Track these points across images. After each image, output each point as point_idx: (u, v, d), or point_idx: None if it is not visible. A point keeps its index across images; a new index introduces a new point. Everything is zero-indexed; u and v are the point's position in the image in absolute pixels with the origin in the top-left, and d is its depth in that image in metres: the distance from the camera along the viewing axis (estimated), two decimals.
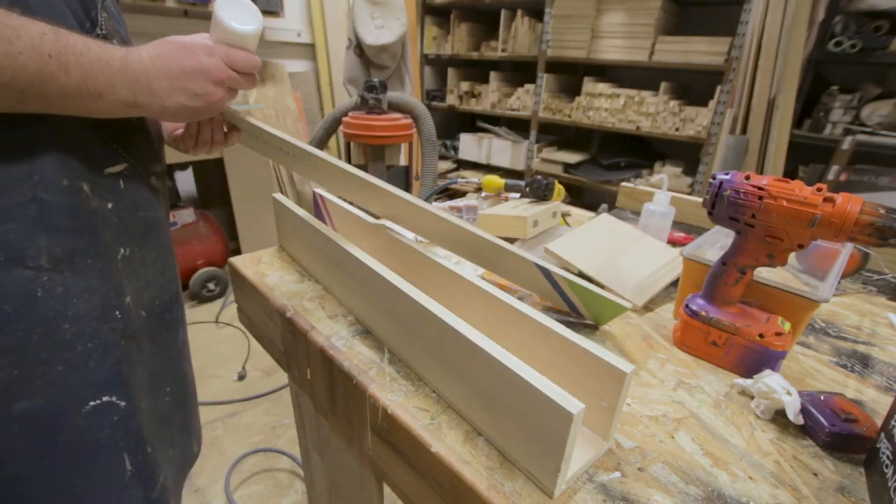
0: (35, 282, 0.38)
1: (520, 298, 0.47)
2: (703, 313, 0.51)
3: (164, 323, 0.53)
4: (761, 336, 0.48)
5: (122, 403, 0.45)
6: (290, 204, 0.65)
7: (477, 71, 3.03)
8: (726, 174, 0.47)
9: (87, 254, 0.42)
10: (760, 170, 1.94)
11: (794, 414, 0.42)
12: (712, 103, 2.01)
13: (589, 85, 2.39)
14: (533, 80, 2.54)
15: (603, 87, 2.33)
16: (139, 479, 0.48)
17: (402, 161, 1.85)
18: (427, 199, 0.90)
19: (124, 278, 0.46)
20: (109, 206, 0.44)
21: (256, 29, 0.46)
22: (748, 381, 0.47)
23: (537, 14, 2.50)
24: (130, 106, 0.40)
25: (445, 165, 3.13)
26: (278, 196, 0.68)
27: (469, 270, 0.55)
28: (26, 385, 0.39)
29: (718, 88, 1.97)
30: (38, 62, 0.34)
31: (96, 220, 0.42)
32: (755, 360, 0.49)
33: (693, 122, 2.09)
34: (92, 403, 0.43)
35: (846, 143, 1.68)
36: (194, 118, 0.46)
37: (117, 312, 0.45)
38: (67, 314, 0.41)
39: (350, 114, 1.76)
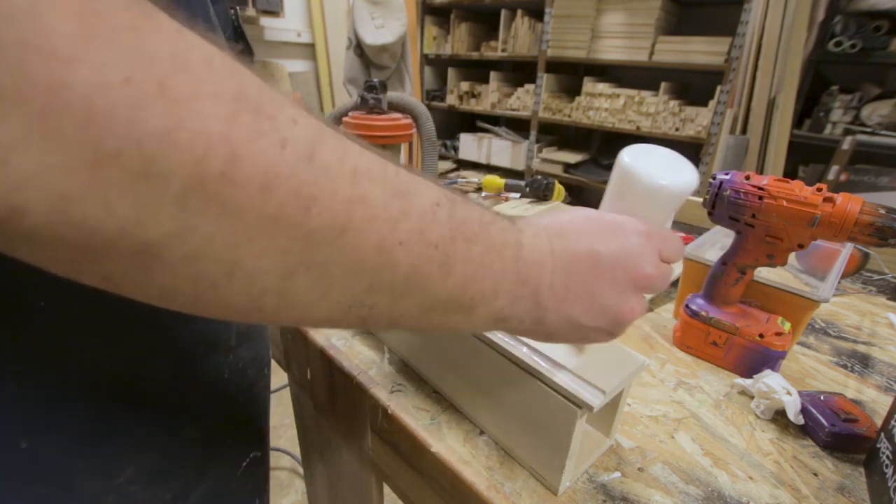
0: (223, 363, 0.36)
1: None
2: (703, 313, 0.51)
3: None
4: (761, 336, 0.48)
5: (260, 454, 0.42)
6: None
7: (477, 71, 3.02)
8: (726, 174, 0.47)
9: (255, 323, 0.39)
10: (760, 170, 1.94)
11: (794, 414, 0.42)
12: (712, 103, 2.01)
13: (589, 85, 2.39)
14: (533, 80, 2.54)
15: (603, 87, 2.33)
16: None
17: (403, 161, 1.85)
18: None
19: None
20: None
21: (694, 182, 0.30)
22: (748, 381, 0.47)
23: (537, 14, 2.49)
24: (498, 321, 0.25)
25: (445, 165, 3.12)
26: None
27: None
28: (202, 469, 0.36)
29: (718, 88, 1.97)
30: (419, 257, 0.20)
31: None
32: (755, 360, 0.49)
33: (693, 122, 2.09)
34: (243, 464, 0.40)
35: (846, 143, 1.68)
36: (573, 342, 0.30)
37: (266, 370, 0.43)
38: (243, 386, 0.39)
39: (350, 114, 1.75)
